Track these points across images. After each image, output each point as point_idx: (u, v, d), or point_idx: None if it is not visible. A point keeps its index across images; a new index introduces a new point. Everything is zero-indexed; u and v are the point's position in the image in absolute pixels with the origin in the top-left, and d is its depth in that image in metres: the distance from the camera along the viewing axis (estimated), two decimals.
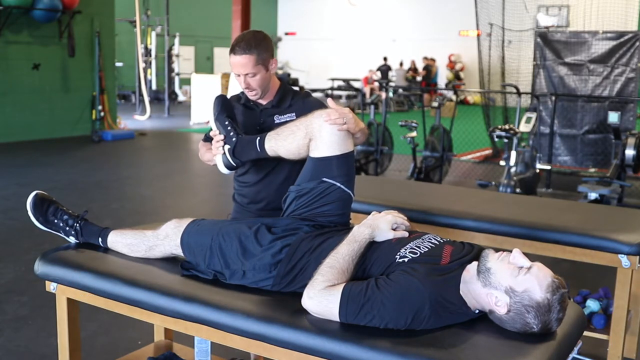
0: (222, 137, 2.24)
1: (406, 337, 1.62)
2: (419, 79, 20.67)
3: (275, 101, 2.48)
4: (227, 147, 2.22)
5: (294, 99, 2.49)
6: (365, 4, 23.84)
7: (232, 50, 2.36)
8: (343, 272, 1.76)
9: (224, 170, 2.26)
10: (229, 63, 2.40)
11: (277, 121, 2.43)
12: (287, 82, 2.58)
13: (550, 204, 3.39)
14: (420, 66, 21.16)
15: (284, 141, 2.12)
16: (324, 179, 2.05)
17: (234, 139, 2.22)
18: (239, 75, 2.39)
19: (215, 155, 2.27)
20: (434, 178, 7.27)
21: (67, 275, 2.14)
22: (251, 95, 2.45)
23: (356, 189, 2.14)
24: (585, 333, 2.66)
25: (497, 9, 10.00)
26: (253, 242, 1.98)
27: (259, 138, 2.18)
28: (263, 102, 2.50)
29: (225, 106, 2.31)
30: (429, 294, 1.65)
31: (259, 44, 2.35)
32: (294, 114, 2.43)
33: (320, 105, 2.44)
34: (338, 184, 2.05)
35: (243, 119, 2.46)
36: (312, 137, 2.06)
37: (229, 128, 2.24)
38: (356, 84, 20.30)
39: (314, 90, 16.94)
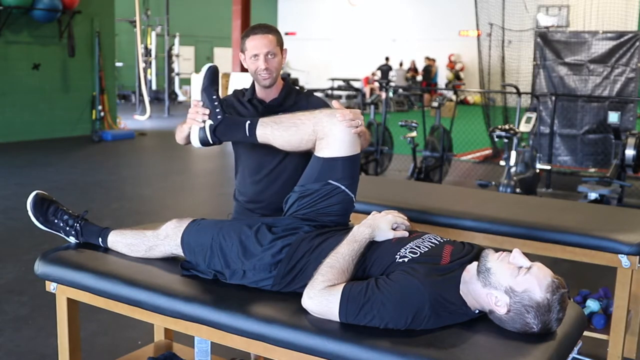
0: (206, 110, 2.14)
1: (406, 337, 1.62)
2: (419, 78, 20.66)
3: (280, 99, 2.46)
4: (209, 122, 2.12)
5: (298, 97, 2.49)
6: (365, 4, 23.83)
7: (251, 33, 2.36)
8: (343, 272, 1.76)
9: (197, 145, 2.16)
10: (246, 47, 2.37)
11: None
12: (290, 82, 2.58)
13: (550, 204, 3.38)
14: (420, 66, 21.14)
15: (285, 132, 2.06)
16: (330, 181, 2.02)
17: (219, 117, 2.12)
18: (256, 58, 2.36)
19: (192, 125, 2.16)
20: (434, 178, 7.27)
21: (67, 275, 2.14)
22: (265, 79, 2.40)
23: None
24: (585, 333, 2.66)
25: (497, 9, 10.00)
26: (253, 242, 1.97)
27: (249, 122, 2.10)
28: (267, 99, 2.49)
29: (215, 80, 2.20)
30: (429, 294, 1.65)
31: (275, 30, 2.41)
32: None
33: (324, 104, 2.43)
34: (343, 187, 2.03)
35: (246, 114, 2.45)
36: (323, 136, 2.00)
37: (216, 103, 2.13)
38: (356, 84, 20.29)
39: (314, 91, 16.92)
